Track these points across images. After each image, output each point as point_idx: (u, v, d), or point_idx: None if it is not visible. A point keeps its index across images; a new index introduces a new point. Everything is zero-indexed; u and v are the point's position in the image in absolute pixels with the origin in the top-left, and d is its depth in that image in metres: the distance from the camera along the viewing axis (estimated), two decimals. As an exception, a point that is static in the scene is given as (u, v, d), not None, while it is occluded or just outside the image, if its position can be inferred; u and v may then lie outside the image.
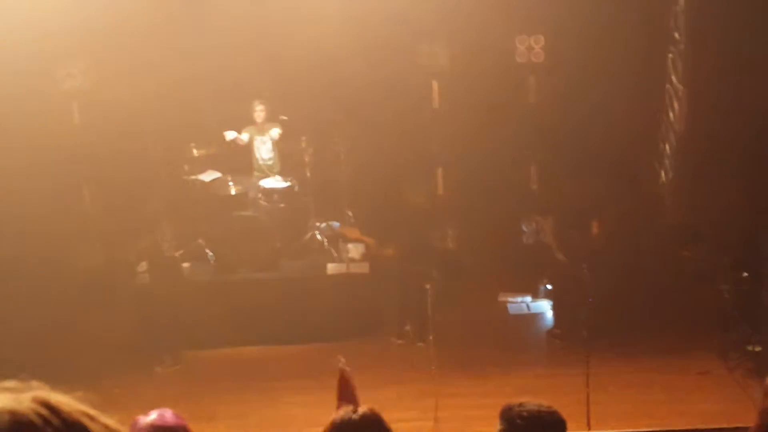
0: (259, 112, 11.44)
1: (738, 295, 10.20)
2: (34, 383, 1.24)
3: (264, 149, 11.59)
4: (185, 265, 11.19)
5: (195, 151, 11.44)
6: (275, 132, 11.47)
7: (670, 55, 11.70)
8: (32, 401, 1.17)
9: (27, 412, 1.14)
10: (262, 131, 11.54)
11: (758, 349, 9.65)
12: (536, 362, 10.29)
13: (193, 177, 11.48)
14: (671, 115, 11.72)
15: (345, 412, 3.03)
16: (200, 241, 11.48)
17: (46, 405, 1.17)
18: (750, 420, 8.32)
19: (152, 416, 3.32)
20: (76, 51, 11.41)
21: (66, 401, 1.22)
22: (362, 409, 3.05)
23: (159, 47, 11.37)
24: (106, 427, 1.23)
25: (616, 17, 11.04)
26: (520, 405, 3.15)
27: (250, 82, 11.63)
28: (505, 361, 10.30)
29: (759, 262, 9.65)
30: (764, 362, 9.23)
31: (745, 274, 10.04)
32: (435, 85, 11.98)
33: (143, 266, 11.01)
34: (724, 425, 6.94)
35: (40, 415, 1.15)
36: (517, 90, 11.94)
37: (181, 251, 11.34)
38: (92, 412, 1.23)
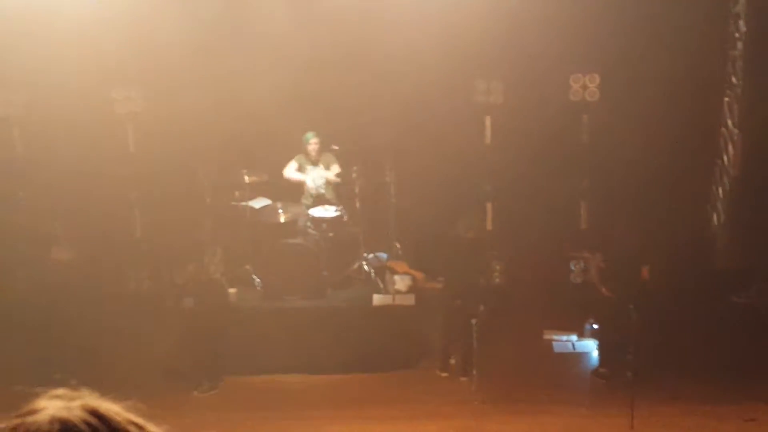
0: (314, 145, 11.52)
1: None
2: (85, 391, 1.25)
3: (318, 180, 11.66)
4: (232, 290, 11.27)
5: (246, 178, 11.56)
6: (334, 168, 11.56)
7: (727, 99, 11.62)
8: (81, 409, 1.17)
9: (76, 421, 1.15)
10: (315, 162, 11.62)
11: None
12: (580, 402, 10.19)
13: (244, 203, 11.58)
14: (725, 158, 11.62)
15: None
16: (248, 267, 11.57)
17: (95, 413, 1.18)
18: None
19: None
20: (133, 74, 11.63)
21: (115, 410, 1.22)
22: None
23: (214, 73, 11.55)
24: None
25: (672, 59, 11.01)
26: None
27: (303, 111, 11.73)
28: (548, 399, 10.21)
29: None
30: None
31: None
32: (488, 120, 12.02)
33: (190, 290, 11.11)
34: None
35: (88, 424, 1.15)
36: (570, 128, 11.92)
37: (229, 276, 11.43)
38: (140, 421, 1.24)
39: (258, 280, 11.43)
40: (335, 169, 11.60)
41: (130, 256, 12.08)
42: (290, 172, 11.66)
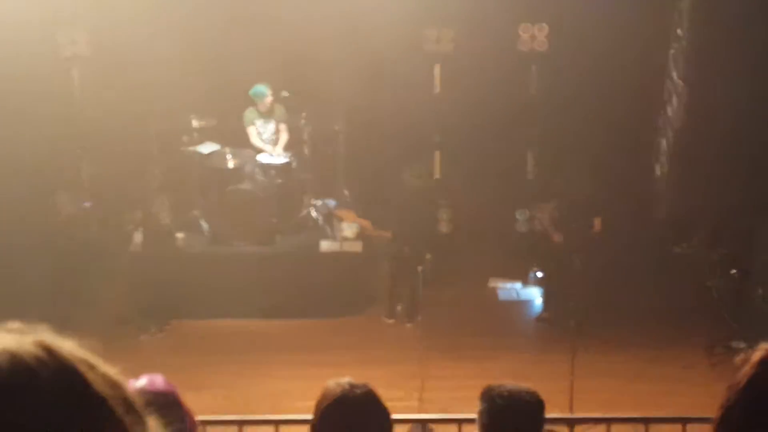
0: (267, 102, 11.35)
1: (725, 292, 10.30)
2: (42, 326, 1.23)
3: (267, 131, 11.56)
4: (179, 235, 11.24)
5: (194, 123, 11.46)
6: (281, 114, 11.43)
7: (672, 51, 11.75)
8: (33, 344, 1.15)
9: (25, 355, 1.12)
10: (266, 115, 11.49)
11: (742, 345, 9.74)
12: (523, 348, 10.39)
13: (192, 148, 11.50)
14: (669, 110, 11.78)
15: (341, 387, 3.04)
16: (195, 212, 11.54)
17: (47, 348, 1.15)
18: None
19: (142, 381, 3.32)
20: (78, 18, 11.42)
21: (68, 347, 1.19)
22: (360, 385, 3.06)
23: (162, 16, 11.38)
24: (105, 376, 1.19)
25: (620, 11, 11.08)
26: (500, 385, 3.24)
27: (252, 57, 11.64)
28: (492, 345, 10.39)
29: (748, 259, 9.74)
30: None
31: (734, 271, 10.14)
32: (437, 69, 12.03)
33: (137, 235, 11.07)
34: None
35: (38, 358, 1.12)
36: (519, 78, 11.99)
37: (176, 221, 11.38)
38: (93, 360, 1.21)
39: (206, 225, 11.41)
40: (281, 115, 11.47)
41: (78, 201, 11.95)
42: (256, 140, 11.51)
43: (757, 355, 1.65)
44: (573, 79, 11.55)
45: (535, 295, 11.31)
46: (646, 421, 5.26)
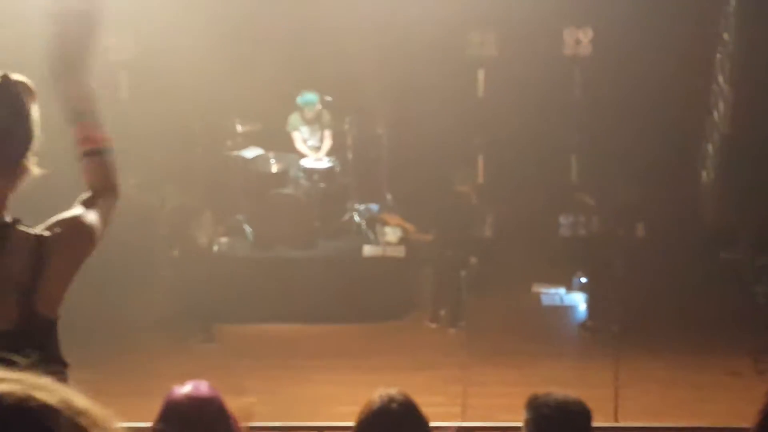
0: (315, 110, 11.40)
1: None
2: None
3: (312, 138, 11.62)
4: (223, 240, 11.32)
5: (239, 127, 11.53)
6: (327, 120, 11.49)
7: (719, 56, 11.62)
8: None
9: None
10: (311, 123, 11.54)
11: (789, 352, 9.62)
12: (567, 354, 10.33)
13: (236, 153, 11.57)
14: (716, 115, 11.65)
15: (381, 399, 3.06)
16: (239, 216, 11.61)
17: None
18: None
19: (188, 388, 3.36)
20: (124, 20, 11.52)
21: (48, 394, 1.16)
22: (399, 397, 3.08)
23: (207, 21, 11.45)
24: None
25: (665, 14, 10.98)
26: (547, 395, 3.22)
27: (296, 61, 11.69)
28: (535, 351, 10.33)
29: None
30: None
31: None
32: (481, 73, 12.00)
33: (182, 240, 11.13)
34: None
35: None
36: (563, 83, 11.92)
37: (220, 226, 11.46)
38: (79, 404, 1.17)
39: (249, 229, 11.47)
40: (327, 121, 11.54)
41: (122, 206, 12.00)
42: (300, 146, 11.59)
43: None
44: (618, 83, 11.47)
45: (578, 301, 11.23)
46: (692, 431, 5.20)
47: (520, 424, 3.57)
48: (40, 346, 2.01)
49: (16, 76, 2.69)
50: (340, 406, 8.92)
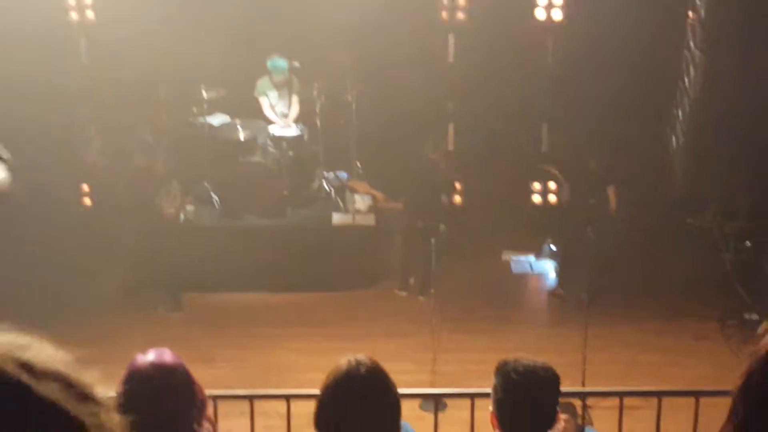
0: (282, 75, 11.30)
1: (739, 264, 10.24)
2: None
3: (280, 103, 11.52)
4: (190, 208, 11.21)
5: (205, 94, 11.39)
6: (295, 86, 11.40)
7: (690, 21, 11.60)
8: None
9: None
10: (280, 88, 11.43)
11: (755, 317, 9.69)
12: (536, 321, 10.36)
13: (202, 119, 11.43)
14: (686, 81, 11.65)
15: (348, 364, 3.03)
16: (206, 184, 11.49)
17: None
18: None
19: (151, 356, 3.33)
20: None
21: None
22: (366, 362, 3.04)
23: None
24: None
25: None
26: (516, 360, 3.19)
27: (263, 26, 11.54)
28: (505, 318, 10.36)
29: (763, 231, 9.66)
30: (760, 331, 9.28)
31: (748, 243, 10.06)
32: (452, 39, 11.91)
33: (148, 208, 11.00)
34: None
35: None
36: (535, 49, 11.86)
37: (187, 195, 11.33)
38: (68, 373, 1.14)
39: (217, 198, 11.36)
40: (295, 109, 11.44)
41: (86, 175, 11.85)
42: (268, 111, 11.50)
43: None
44: (589, 49, 11.43)
45: (548, 268, 11.24)
46: (659, 394, 5.20)
47: (487, 390, 3.55)
48: None
49: None
50: (308, 374, 8.88)
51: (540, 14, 11.64)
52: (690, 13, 11.49)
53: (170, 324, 10.18)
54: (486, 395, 3.64)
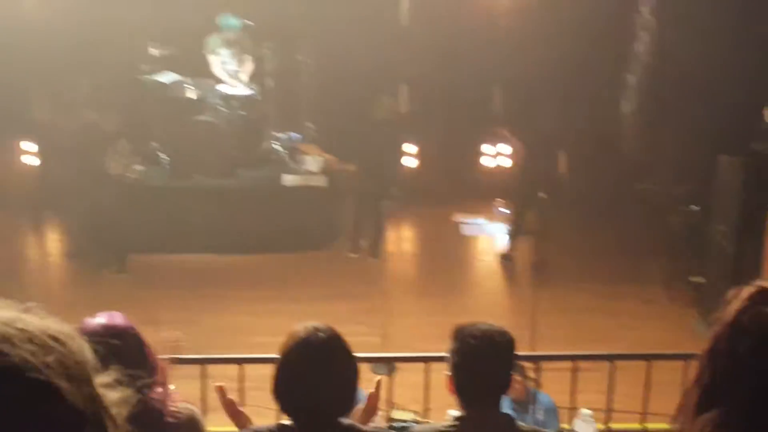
0: (234, 34, 11.16)
1: (686, 228, 10.36)
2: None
3: (231, 62, 11.39)
4: (138, 168, 11.03)
5: (153, 50, 11.18)
6: (247, 45, 11.26)
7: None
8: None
9: None
10: (231, 45, 11.29)
11: (701, 280, 9.82)
12: (486, 284, 10.40)
13: (150, 77, 11.23)
14: (638, 46, 11.70)
15: (306, 330, 3.00)
16: (154, 144, 11.32)
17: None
18: (688, 350, 8.48)
19: (101, 318, 3.26)
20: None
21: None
22: (324, 328, 3.02)
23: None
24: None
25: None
26: (473, 325, 3.19)
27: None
28: (455, 281, 10.40)
29: (709, 195, 9.77)
30: (706, 293, 9.42)
31: (694, 207, 10.17)
32: (406, 1, 11.82)
33: (93, 166, 10.79)
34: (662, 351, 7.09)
35: None
36: (489, 12, 11.81)
37: (135, 154, 11.13)
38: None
39: (165, 158, 11.20)
40: (249, 66, 11.32)
41: (30, 133, 11.60)
42: (218, 69, 11.35)
43: (746, 291, 1.64)
44: (541, 13, 11.41)
45: (499, 231, 11.27)
46: (611, 358, 5.26)
47: (441, 353, 3.55)
48: None
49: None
50: (258, 337, 8.84)
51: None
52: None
53: (115, 285, 10.06)
54: (440, 359, 3.63)
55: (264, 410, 5.60)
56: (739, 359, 1.64)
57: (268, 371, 3.11)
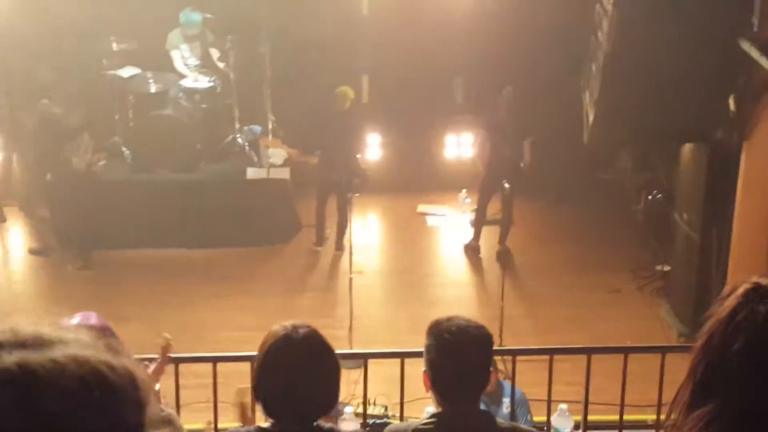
0: (195, 30, 11.10)
1: (650, 216, 10.42)
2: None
3: (192, 57, 11.30)
4: (101, 163, 10.89)
5: (114, 45, 11.04)
6: (209, 38, 11.20)
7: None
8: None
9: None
10: (192, 40, 11.21)
11: (667, 268, 9.89)
12: (452, 275, 10.38)
13: (112, 72, 11.09)
14: (600, 34, 11.70)
15: (284, 329, 2.95)
16: (116, 138, 11.18)
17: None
18: (656, 338, 8.56)
19: (77, 318, 3.29)
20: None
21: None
22: (302, 326, 2.98)
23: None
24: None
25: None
26: (448, 320, 3.14)
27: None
28: (422, 272, 10.38)
29: (672, 183, 9.83)
30: (673, 281, 9.48)
31: (659, 195, 10.22)
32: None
33: (56, 161, 10.64)
34: (629, 343, 7.12)
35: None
36: (447, 3, 11.77)
37: (98, 149, 10.98)
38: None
39: (128, 152, 11.06)
40: (211, 39, 11.26)
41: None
42: (179, 65, 11.26)
43: (742, 288, 1.67)
44: (500, 5, 11.41)
45: (463, 222, 11.26)
46: (588, 351, 5.25)
47: (414, 349, 3.53)
48: None
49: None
50: (225, 332, 8.81)
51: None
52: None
53: (81, 281, 9.93)
54: (414, 354, 3.60)
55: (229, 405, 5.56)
56: (733, 356, 1.64)
57: (239, 368, 3.07)
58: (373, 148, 11.77)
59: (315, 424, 2.93)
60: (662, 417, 4.22)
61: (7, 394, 1.04)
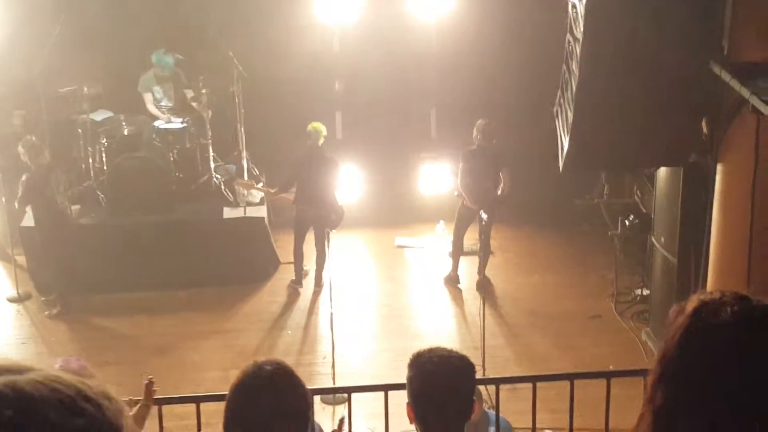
0: (167, 71, 11.16)
1: (627, 240, 10.44)
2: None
3: (165, 98, 11.33)
4: (75, 207, 10.81)
5: (86, 89, 11.02)
6: (183, 80, 11.26)
7: (571, 13, 11.75)
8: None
9: None
10: (165, 82, 11.26)
11: (646, 292, 9.91)
12: (433, 307, 10.36)
13: (84, 116, 11.06)
14: (573, 64, 11.79)
15: (252, 366, 2.94)
16: (88, 183, 11.12)
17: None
18: (639, 362, 8.53)
19: (58, 364, 3.30)
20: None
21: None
22: (269, 362, 2.97)
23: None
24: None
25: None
26: (430, 351, 3.13)
27: (144, 21, 11.27)
28: (402, 305, 10.35)
29: (648, 207, 9.88)
30: (653, 305, 9.50)
31: (635, 220, 10.26)
32: (337, 30, 11.83)
33: (32, 207, 10.56)
34: (612, 368, 7.12)
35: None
36: (418, 36, 11.85)
37: (71, 193, 10.90)
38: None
39: (102, 196, 11.01)
40: (182, 77, 11.31)
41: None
42: (151, 107, 11.31)
43: (690, 306, 1.60)
44: (477, 36, 11.49)
45: (441, 253, 11.24)
46: (571, 377, 5.25)
47: (393, 381, 3.50)
48: None
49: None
50: (208, 372, 8.74)
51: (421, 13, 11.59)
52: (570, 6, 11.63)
53: (60, 327, 9.83)
54: (398, 386, 3.58)
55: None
56: (695, 381, 1.59)
57: (222, 408, 3.04)
58: (349, 182, 11.75)
59: None
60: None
61: (6, 414, 1.09)
